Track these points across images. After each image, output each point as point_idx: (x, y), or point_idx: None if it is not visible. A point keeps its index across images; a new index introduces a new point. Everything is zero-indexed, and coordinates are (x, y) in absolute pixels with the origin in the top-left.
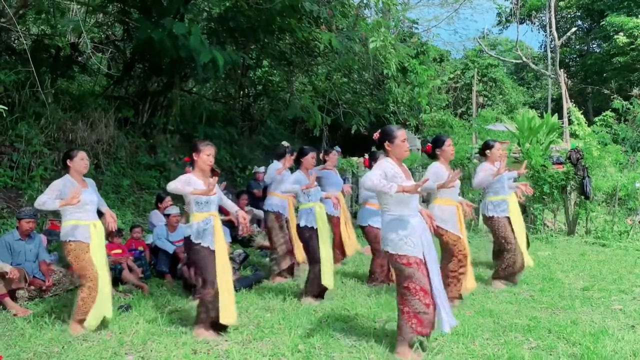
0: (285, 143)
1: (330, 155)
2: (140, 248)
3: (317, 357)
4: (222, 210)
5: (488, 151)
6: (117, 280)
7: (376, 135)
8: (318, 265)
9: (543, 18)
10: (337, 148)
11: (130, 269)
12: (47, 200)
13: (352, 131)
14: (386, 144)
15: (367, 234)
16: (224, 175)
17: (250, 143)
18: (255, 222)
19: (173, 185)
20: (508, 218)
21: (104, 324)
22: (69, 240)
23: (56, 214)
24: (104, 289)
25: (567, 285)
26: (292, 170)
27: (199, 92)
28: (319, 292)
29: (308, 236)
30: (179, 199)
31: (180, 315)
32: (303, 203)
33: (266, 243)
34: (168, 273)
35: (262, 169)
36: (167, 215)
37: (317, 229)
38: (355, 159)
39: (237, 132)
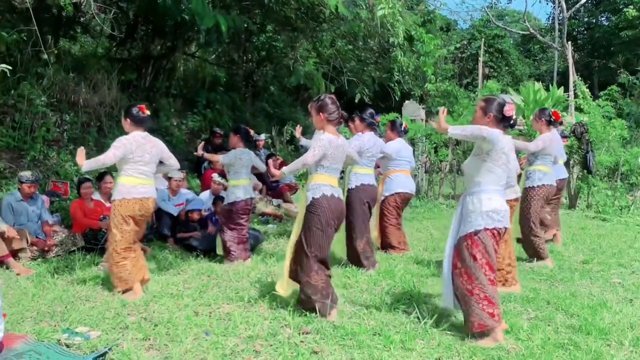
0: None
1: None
2: None
3: (317, 321)
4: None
5: None
6: None
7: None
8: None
9: None
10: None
11: None
12: None
13: (356, 100)
14: None
15: None
16: (226, 140)
17: (253, 109)
18: (258, 190)
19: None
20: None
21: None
22: None
23: (59, 175)
24: None
25: (566, 258)
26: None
27: (202, 57)
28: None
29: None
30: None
31: (183, 278)
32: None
33: (268, 210)
34: (171, 237)
35: (262, 136)
36: (168, 179)
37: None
38: None
39: (240, 98)
